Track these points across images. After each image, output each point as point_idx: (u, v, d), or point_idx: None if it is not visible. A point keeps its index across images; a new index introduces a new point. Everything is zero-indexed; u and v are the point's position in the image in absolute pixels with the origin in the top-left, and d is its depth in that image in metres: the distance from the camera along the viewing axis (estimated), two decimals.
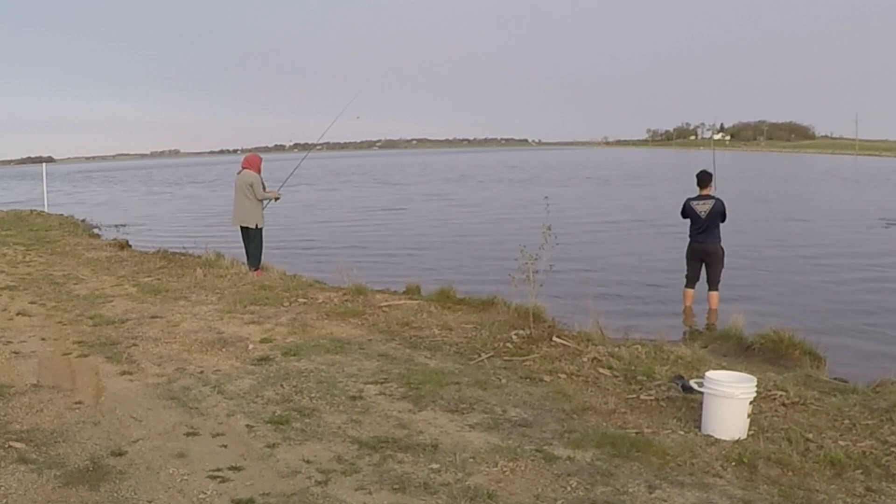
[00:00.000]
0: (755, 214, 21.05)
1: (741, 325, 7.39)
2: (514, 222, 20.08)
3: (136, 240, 16.79)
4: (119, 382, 5.49)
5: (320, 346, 6.42)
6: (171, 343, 6.62)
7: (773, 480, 3.77)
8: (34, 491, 3.64)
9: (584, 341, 6.32)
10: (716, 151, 12.35)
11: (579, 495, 3.59)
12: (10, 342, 6.66)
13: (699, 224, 9.00)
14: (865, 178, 43.33)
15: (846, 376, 5.98)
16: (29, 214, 22.64)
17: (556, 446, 4.21)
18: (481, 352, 6.28)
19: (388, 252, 15.43)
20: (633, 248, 15.27)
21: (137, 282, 9.87)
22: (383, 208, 26.77)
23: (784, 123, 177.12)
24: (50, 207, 25.16)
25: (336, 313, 7.74)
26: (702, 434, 4.39)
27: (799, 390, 5.03)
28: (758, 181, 39.82)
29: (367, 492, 3.63)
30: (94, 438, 4.35)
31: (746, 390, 4.35)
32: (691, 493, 3.61)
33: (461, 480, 3.74)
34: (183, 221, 23.97)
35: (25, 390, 5.25)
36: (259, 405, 4.93)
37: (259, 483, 3.75)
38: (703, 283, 9.15)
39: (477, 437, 4.35)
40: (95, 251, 13.38)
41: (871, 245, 15.38)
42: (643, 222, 19.87)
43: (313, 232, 19.65)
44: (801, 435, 4.27)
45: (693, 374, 5.26)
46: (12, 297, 8.90)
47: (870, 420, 4.56)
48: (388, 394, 5.17)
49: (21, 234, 16.72)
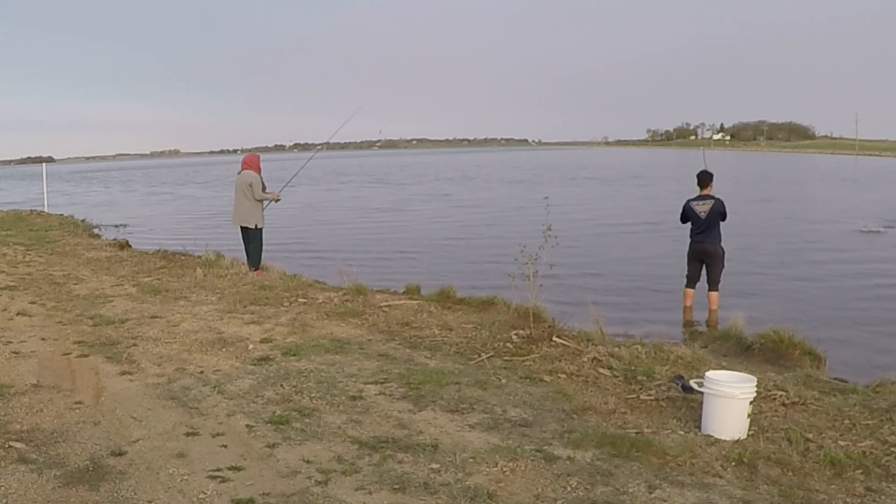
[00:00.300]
0: (754, 214, 21.04)
1: (741, 325, 7.39)
2: (515, 222, 20.09)
3: (136, 240, 16.78)
4: (119, 382, 5.49)
5: (320, 346, 6.42)
6: (171, 343, 6.62)
7: (773, 480, 3.77)
8: (34, 491, 3.64)
9: (584, 341, 6.32)
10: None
11: (579, 495, 3.59)
12: (10, 342, 6.66)
13: (699, 224, 9.00)
14: (866, 178, 43.33)
15: (846, 376, 5.99)
16: (29, 214, 22.65)
17: (556, 446, 4.21)
18: (481, 352, 6.28)
19: (388, 252, 15.43)
20: (633, 249, 15.27)
21: (137, 282, 9.87)
22: (383, 208, 26.78)
23: (784, 123, 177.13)
24: (50, 207, 25.16)
25: (336, 313, 7.74)
26: (702, 434, 4.39)
27: (799, 390, 5.03)
28: (757, 182, 39.82)
29: (367, 492, 3.63)
30: (94, 438, 4.34)
31: (746, 390, 4.35)
32: (691, 493, 3.61)
33: (461, 480, 3.74)
34: (183, 221, 23.97)
35: (25, 390, 5.25)
36: (259, 405, 4.93)
37: (259, 483, 3.75)
38: (703, 283, 9.15)
39: (477, 437, 4.35)
40: (95, 251, 13.39)
41: (870, 245, 15.39)
42: (643, 222, 19.87)
43: (313, 232, 19.66)
44: (801, 435, 4.27)
45: (693, 374, 5.26)
46: (12, 297, 8.90)
47: (870, 420, 4.56)
48: (388, 394, 5.17)
49: (21, 234, 16.72)
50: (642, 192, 32.23)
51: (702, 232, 8.99)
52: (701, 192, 9.08)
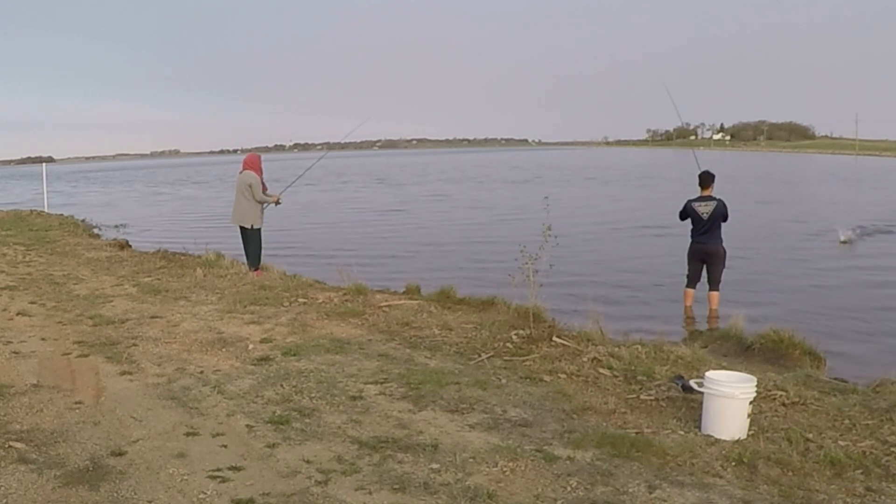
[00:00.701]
0: (754, 215, 21.04)
1: (741, 325, 7.39)
2: (515, 222, 20.08)
3: (136, 240, 16.79)
4: (119, 382, 5.49)
5: (320, 346, 6.42)
6: (171, 343, 6.62)
7: (773, 480, 3.77)
8: (34, 491, 3.64)
9: (584, 341, 6.32)
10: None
11: (579, 495, 3.59)
12: (10, 342, 6.66)
13: (701, 225, 8.98)
14: (866, 178, 43.32)
15: (846, 376, 5.99)
16: (29, 214, 22.65)
17: (556, 446, 4.21)
18: (481, 352, 6.28)
19: (388, 252, 15.43)
20: (633, 249, 15.27)
21: (137, 282, 9.87)
22: (384, 208, 26.77)
23: (784, 123, 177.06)
24: (50, 207, 25.17)
25: (336, 313, 7.74)
26: (702, 434, 4.39)
27: (799, 390, 5.02)
28: (757, 182, 39.81)
29: (367, 492, 3.63)
30: (94, 438, 4.34)
31: (746, 390, 4.35)
32: (691, 493, 3.61)
33: (461, 480, 3.74)
34: (183, 221, 23.97)
35: (25, 390, 5.25)
36: (259, 405, 4.93)
37: (259, 483, 3.75)
38: (703, 283, 9.15)
39: (477, 437, 4.35)
40: (95, 251, 13.39)
41: (870, 245, 15.38)
42: (644, 222, 19.87)
43: (314, 232, 19.65)
44: (801, 435, 4.27)
45: (693, 374, 5.26)
46: (12, 297, 8.90)
47: (870, 420, 4.56)
48: (388, 394, 5.17)
49: (21, 234, 16.73)
50: (643, 193, 32.22)
51: (704, 233, 8.98)
52: (702, 192, 9.07)
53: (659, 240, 16.02)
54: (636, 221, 20.34)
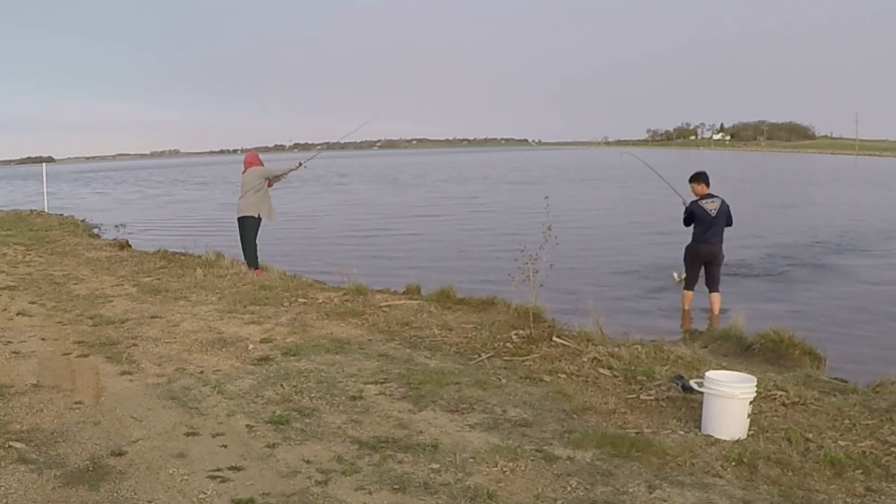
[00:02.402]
0: (754, 215, 21.03)
1: (741, 325, 7.39)
2: (515, 222, 20.08)
3: (136, 240, 16.77)
4: (119, 382, 5.49)
5: (320, 346, 6.42)
6: (171, 343, 6.62)
7: (773, 480, 3.77)
8: (34, 491, 3.64)
9: (584, 341, 6.32)
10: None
11: (579, 495, 3.59)
12: (10, 342, 6.66)
13: (707, 223, 8.86)
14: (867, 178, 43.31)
15: (846, 376, 5.98)
16: (29, 214, 22.64)
17: (556, 446, 4.21)
18: (481, 352, 6.28)
19: (388, 252, 15.43)
20: (633, 249, 15.26)
21: (137, 282, 9.87)
22: (384, 208, 26.76)
23: (784, 123, 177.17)
24: (50, 207, 25.16)
25: (336, 313, 7.74)
26: (702, 434, 4.38)
27: (799, 390, 5.02)
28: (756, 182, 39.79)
29: (367, 492, 3.63)
30: (94, 438, 4.34)
31: (746, 390, 4.35)
32: (691, 493, 3.61)
33: (461, 480, 3.74)
34: (183, 221, 23.97)
35: (25, 390, 5.25)
36: (259, 405, 4.93)
37: (259, 483, 3.75)
38: (701, 283, 9.13)
39: (477, 437, 4.35)
40: (95, 251, 13.38)
41: (870, 245, 15.38)
42: (644, 223, 19.87)
43: (313, 231, 19.66)
44: (801, 435, 4.27)
45: (693, 374, 5.26)
46: (12, 297, 8.90)
47: (870, 420, 4.56)
48: (388, 394, 5.16)
49: (21, 234, 16.72)
50: (644, 193, 32.19)
51: (711, 232, 8.85)
52: (703, 191, 9.02)
53: (660, 240, 16.01)
54: (637, 221, 20.32)
